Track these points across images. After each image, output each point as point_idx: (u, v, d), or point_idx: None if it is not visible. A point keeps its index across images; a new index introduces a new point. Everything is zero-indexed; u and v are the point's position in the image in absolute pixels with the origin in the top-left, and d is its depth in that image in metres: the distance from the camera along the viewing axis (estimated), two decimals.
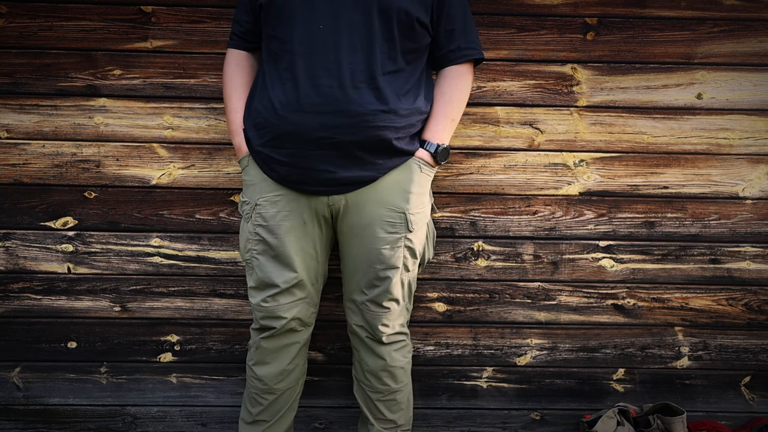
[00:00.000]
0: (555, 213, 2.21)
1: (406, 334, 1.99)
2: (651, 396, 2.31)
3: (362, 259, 1.86)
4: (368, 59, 1.73)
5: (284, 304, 1.87)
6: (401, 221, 1.83)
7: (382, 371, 1.95)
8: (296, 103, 1.73)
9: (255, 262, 1.87)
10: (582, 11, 2.13)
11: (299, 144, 1.75)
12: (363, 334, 1.94)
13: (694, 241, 2.24)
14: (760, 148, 2.20)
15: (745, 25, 2.15)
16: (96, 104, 2.12)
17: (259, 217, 1.84)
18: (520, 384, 2.31)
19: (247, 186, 1.89)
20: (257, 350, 1.93)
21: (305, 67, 1.73)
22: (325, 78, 1.72)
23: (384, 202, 1.82)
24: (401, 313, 1.94)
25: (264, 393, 1.95)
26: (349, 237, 1.87)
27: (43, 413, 2.26)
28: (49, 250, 2.19)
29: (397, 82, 1.77)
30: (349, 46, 1.72)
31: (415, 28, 1.76)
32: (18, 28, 2.08)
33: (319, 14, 1.73)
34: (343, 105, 1.71)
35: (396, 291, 1.88)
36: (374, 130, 1.74)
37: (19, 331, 2.23)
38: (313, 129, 1.72)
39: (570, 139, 2.18)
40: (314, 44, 1.73)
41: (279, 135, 1.76)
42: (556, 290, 2.26)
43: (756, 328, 2.29)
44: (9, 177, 2.15)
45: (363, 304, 1.90)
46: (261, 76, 1.84)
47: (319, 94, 1.72)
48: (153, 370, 2.26)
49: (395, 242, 1.84)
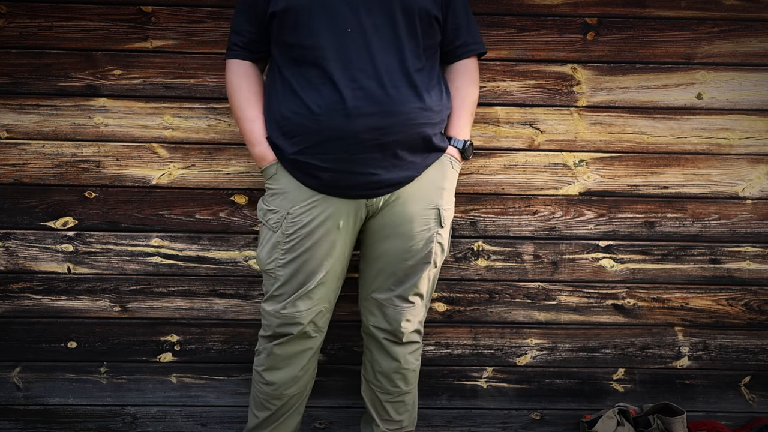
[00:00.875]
0: (555, 213, 2.21)
1: (421, 335, 2.00)
2: (651, 396, 2.31)
3: (393, 257, 1.86)
4: (400, 58, 1.74)
5: (303, 310, 1.85)
6: (435, 217, 1.86)
7: (395, 373, 1.96)
8: (340, 106, 1.70)
9: (279, 272, 1.83)
10: (582, 11, 2.13)
11: (344, 148, 1.73)
12: (381, 335, 1.94)
13: (694, 241, 2.24)
14: (760, 148, 2.20)
15: (745, 25, 2.15)
16: (96, 104, 2.12)
17: (290, 226, 1.80)
18: (520, 384, 2.31)
19: (275, 195, 1.83)
20: (269, 356, 1.91)
21: (341, 69, 1.71)
22: (365, 80, 1.71)
23: (421, 200, 1.83)
24: (422, 310, 1.95)
25: (273, 398, 1.94)
26: (379, 236, 1.86)
27: (43, 413, 2.26)
28: (49, 250, 2.19)
29: (425, 78, 1.79)
30: (381, 46, 1.72)
31: (433, 25, 1.79)
32: (18, 28, 2.08)
33: (343, 19, 1.71)
34: (387, 105, 1.71)
35: (422, 285, 1.90)
36: (417, 128, 1.75)
37: (19, 331, 2.23)
38: (358, 131, 1.71)
39: (570, 139, 2.18)
40: (346, 47, 1.71)
41: (320, 140, 1.73)
42: (556, 290, 2.26)
43: (756, 328, 2.29)
44: (9, 177, 2.15)
45: (388, 300, 1.90)
46: (280, 82, 1.79)
47: (362, 96, 1.70)
48: (153, 370, 2.26)
49: (429, 238, 1.86)
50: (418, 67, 1.77)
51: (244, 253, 2.20)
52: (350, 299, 2.11)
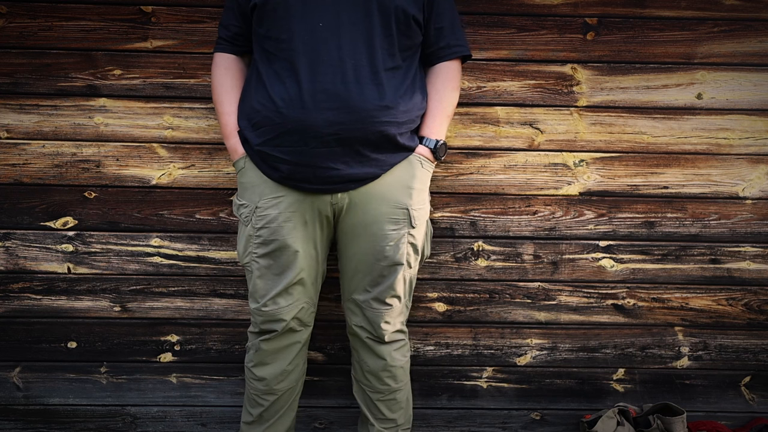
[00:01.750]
0: (555, 213, 2.21)
1: (405, 333, 1.99)
2: (651, 396, 2.31)
3: (365, 257, 1.86)
4: (370, 56, 1.75)
5: (284, 307, 1.87)
6: (405, 217, 1.85)
7: (382, 371, 1.96)
8: (299, 99, 1.73)
9: (255, 266, 1.87)
10: (582, 11, 2.13)
11: (303, 141, 1.75)
12: (363, 334, 1.94)
13: (694, 241, 2.24)
14: (760, 148, 2.20)
15: (745, 25, 2.15)
16: (96, 104, 2.12)
17: (259, 219, 1.84)
18: (520, 384, 2.31)
19: (244, 188, 1.87)
20: (257, 352, 1.93)
21: (307, 64, 1.73)
22: (329, 74, 1.72)
23: (388, 199, 1.83)
24: (402, 311, 1.95)
25: (264, 394, 1.95)
26: (351, 235, 1.87)
27: (43, 413, 2.26)
28: (49, 250, 2.19)
29: (396, 78, 1.79)
30: (351, 42, 1.74)
31: (411, 25, 1.79)
32: (18, 28, 2.08)
33: (317, 12, 1.74)
34: (348, 101, 1.72)
35: (399, 287, 1.89)
36: (378, 126, 1.75)
37: (19, 331, 2.23)
38: (317, 125, 1.72)
39: (570, 139, 2.18)
40: (315, 42, 1.73)
41: (281, 132, 1.76)
42: (556, 290, 2.26)
43: (756, 328, 2.29)
44: (9, 177, 2.15)
45: (365, 302, 1.90)
46: (255, 75, 1.83)
47: (323, 90, 1.72)
48: (153, 370, 2.27)
49: (399, 238, 1.85)
50: (390, 66, 1.78)
51: None
52: None
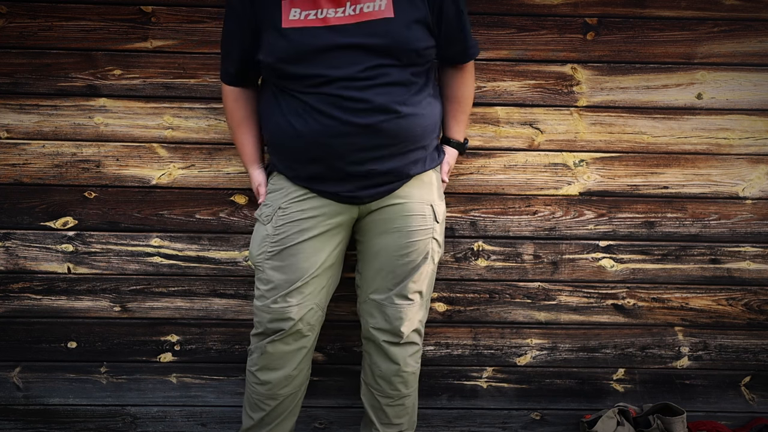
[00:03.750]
0: (555, 213, 2.21)
1: (421, 336, 1.99)
2: (651, 396, 2.31)
3: (392, 253, 1.87)
4: (390, 92, 1.75)
5: (294, 305, 1.86)
6: (430, 213, 1.88)
7: (395, 376, 1.96)
8: (323, 132, 1.75)
9: (267, 264, 1.85)
10: (582, 11, 2.13)
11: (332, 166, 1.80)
12: (381, 337, 1.93)
13: (694, 241, 2.24)
14: (760, 148, 2.20)
15: (745, 25, 2.15)
16: (96, 104, 2.12)
17: (280, 219, 1.84)
18: (520, 384, 2.31)
19: (271, 192, 1.90)
20: (262, 356, 1.91)
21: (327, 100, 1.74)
22: (349, 111, 1.73)
23: (413, 196, 1.86)
24: (421, 308, 1.94)
25: (267, 398, 1.94)
26: (376, 231, 1.88)
27: (43, 413, 2.26)
28: (49, 250, 2.19)
29: (415, 96, 1.80)
30: (370, 83, 1.74)
31: (424, 54, 1.80)
32: (18, 28, 2.08)
33: (333, 61, 1.73)
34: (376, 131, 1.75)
35: (422, 282, 1.90)
36: (409, 149, 1.82)
37: (19, 331, 2.23)
38: (346, 153, 1.76)
39: (570, 139, 2.18)
40: (333, 79, 1.73)
41: (312, 158, 1.79)
42: (556, 290, 2.26)
43: (756, 328, 2.29)
44: (9, 177, 2.15)
45: (387, 299, 1.90)
46: (275, 102, 1.83)
47: (347, 122, 1.73)
48: (153, 370, 2.27)
49: (426, 233, 1.87)
50: (413, 91, 1.79)
51: (244, 253, 2.20)
52: (350, 299, 2.11)
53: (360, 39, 1.71)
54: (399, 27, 1.73)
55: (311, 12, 1.73)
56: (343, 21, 1.72)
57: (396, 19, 1.73)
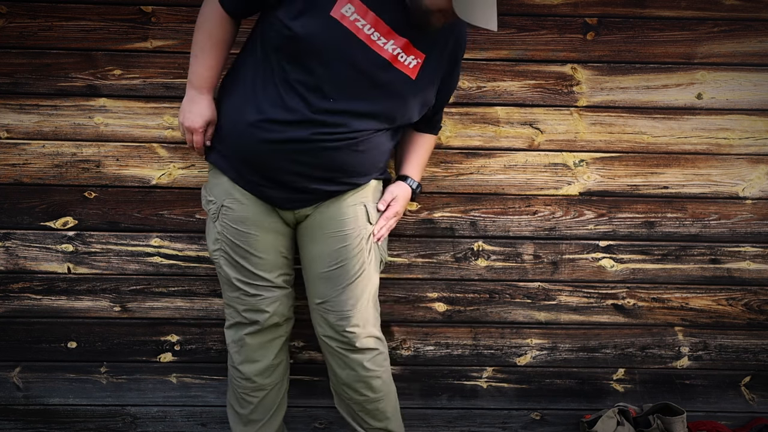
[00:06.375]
0: (555, 213, 2.21)
1: (382, 341, 1.95)
2: (651, 396, 2.31)
3: (325, 263, 1.85)
4: (362, 145, 1.77)
5: (267, 297, 1.87)
6: (363, 215, 1.85)
7: (356, 382, 1.91)
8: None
9: (223, 260, 1.87)
10: (582, 11, 2.13)
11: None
12: (333, 344, 1.89)
13: (694, 241, 2.24)
14: (760, 148, 2.20)
15: (745, 25, 2.15)
16: (96, 104, 2.12)
17: (224, 216, 1.83)
18: (520, 384, 2.31)
19: (213, 185, 1.86)
20: (243, 348, 1.92)
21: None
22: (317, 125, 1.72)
23: (346, 197, 1.84)
24: (370, 313, 1.90)
25: (253, 391, 1.96)
26: (308, 241, 1.87)
27: (43, 413, 2.26)
28: (49, 250, 2.19)
29: (377, 137, 1.81)
30: (351, 137, 1.75)
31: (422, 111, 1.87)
32: (18, 28, 2.08)
33: (345, 79, 1.70)
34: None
35: (361, 287, 1.86)
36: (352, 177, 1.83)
37: (19, 331, 2.23)
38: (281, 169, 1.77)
39: (570, 139, 2.18)
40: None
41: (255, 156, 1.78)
42: (556, 290, 2.26)
43: (756, 328, 2.29)
44: (9, 177, 2.15)
45: (329, 306, 1.86)
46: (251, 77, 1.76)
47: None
48: (153, 370, 2.27)
49: (359, 234, 1.84)
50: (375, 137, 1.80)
51: None
52: None
53: (374, 90, 1.71)
54: (410, 92, 1.75)
55: (362, 20, 1.66)
56: (378, 51, 1.68)
57: (416, 82, 1.74)
